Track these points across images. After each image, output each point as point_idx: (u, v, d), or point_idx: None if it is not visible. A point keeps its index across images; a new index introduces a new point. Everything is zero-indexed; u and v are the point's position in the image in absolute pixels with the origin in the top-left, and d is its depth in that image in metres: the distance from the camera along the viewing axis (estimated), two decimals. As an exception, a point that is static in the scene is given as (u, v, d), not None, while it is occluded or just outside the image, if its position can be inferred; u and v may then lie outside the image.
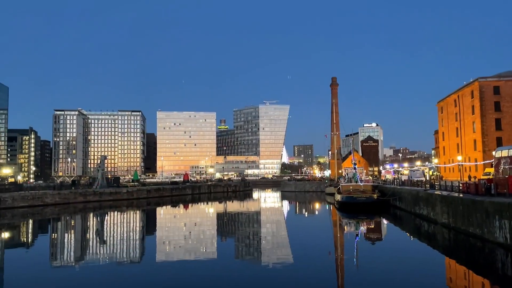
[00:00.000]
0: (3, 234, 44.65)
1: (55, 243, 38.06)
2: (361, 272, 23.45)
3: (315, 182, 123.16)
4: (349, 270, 24.44)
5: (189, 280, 22.08)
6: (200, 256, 29.26)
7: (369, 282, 21.13)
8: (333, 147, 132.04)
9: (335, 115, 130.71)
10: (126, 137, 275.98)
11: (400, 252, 29.39)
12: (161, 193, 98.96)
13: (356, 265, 25.56)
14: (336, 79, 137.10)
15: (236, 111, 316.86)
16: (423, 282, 21.07)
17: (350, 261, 26.84)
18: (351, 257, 28.39)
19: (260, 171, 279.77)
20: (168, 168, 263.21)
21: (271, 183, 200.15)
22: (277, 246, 33.19)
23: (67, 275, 24.58)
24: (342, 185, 68.07)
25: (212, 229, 46.03)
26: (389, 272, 23.00)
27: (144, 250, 32.85)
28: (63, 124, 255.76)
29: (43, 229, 50.53)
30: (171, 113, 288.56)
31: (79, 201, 78.42)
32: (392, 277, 22.00)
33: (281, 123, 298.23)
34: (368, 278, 21.88)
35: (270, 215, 63.59)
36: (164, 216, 63.70)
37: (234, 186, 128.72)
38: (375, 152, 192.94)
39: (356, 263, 26.14)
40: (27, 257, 31.86)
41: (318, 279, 21.74)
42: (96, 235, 42.27)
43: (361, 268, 24.60)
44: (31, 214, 61.55)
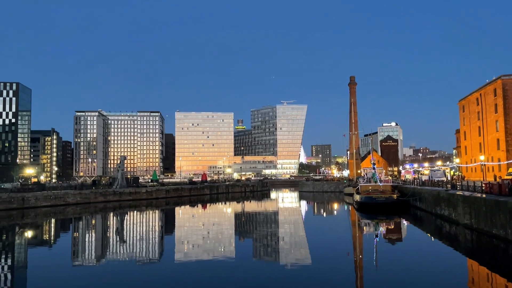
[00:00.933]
0: (27, 233, 45.74)
1: (77, 242, 38.76)
2: (380, 273, 23.16)
3: (333, 182, 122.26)
4: (368, 271, 24.16)
5: (208, 280, 22.16)
6: (218, 256, 29.36)
7: (389, 283, 20.84)
8: (352, 146, 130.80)
9: (354, 115, 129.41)
10: (145, 138, 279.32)
11: (420, 253, 28.91)
12: (179, 193, 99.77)
13: (376, 266, 25.26)
14: (354, 78, 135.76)
15: (254, 111, 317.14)
16: (445, 283, 20.67)
17: (369, 262, 26.54)
18: (370, 258, 28.07)
19: (278, 171, 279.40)
20: (186, 168, 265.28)
21: (289, 183, 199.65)
22: (295, 246, 33.06)
23: (88, 273, 25.00)
24: (361, 185, 67.36)
25: (230, 229, 46.15)
26: (409, 273, 22.64)
27: (163, 250, 33.14)
28: (84, 125, 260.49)
29: (65, 228, 51.55)
30: (189, 114, 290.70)
31: (100, 200, 79.70)
32: (412, 278, 21.65)
33: (298, 123, 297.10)
34: (388, 279, 21.59)
35: (288, 215, 63.40)
36: (182, 216, 64.20)
37: (252, 186, 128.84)
38: (395, 152, 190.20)
39: (376, 264, 25.83)
40: (49, 255, 32.56)
41: (336, 280, 21.56)
42: (116, 234, 42.88)
43: (381, 269, 24.30)
44: (54, 214, 62.86)
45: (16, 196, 67.89)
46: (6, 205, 64.87)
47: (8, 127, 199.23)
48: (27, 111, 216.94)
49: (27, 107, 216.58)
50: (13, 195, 68.67)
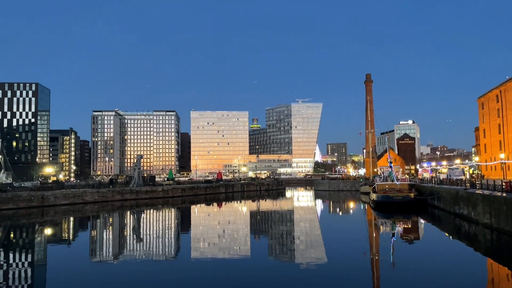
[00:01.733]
0: (47, 230, 46.62)
1: (95, 239, 39.33)
2: (397, 273, 22.88)
3: (349, 181, 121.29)
4: (385, 270, 23.89)
5: (224, 278, 22.23)
6: (234, 254, 29.43)
7: (406, 283, 20.59)
8: (368, 145, 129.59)
9: (370, 113, 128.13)
10: (161, 137, 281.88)
11: (438, 253, 28.46)
12: (195, 191, 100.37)
13: (392, 265, 24.97)
14: (370, 76, 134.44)
15: (269, 109, 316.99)
16: (463, 283, 20.33)
17: (386, 261, 26.24)
18: (387, 257, 27.77)
19: (293, 170, 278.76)
20: (201, 167, 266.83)
21: (304, 182, 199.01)
22: (310, 245, 32.93)
23: (106, 270, 25.34)
24: (377, 184, 66.70)
25: (245, 228, 46.20)
26: (427, 273, 22.30)
27: (179, 248, 33.37)
28: (101, 124, 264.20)
29: (83, 226, 52.37)
30: (204, 113, 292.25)
31: (117, 199, 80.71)
32: (430, 278, 21.32)
33: (314, 121, 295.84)
34: (405, 278, 21.32)
35: (304, 214, 63.20)
36: (198, 214, 64.57)
37: (267, 184, 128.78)
38: (412, 150, 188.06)
39: (392, 263, 25.54)
40: (68, 252, 33.12)
41: (353, 279, 21.38)
42: (133, 232, 43.35)
43: (398, 268, 24.01)
44: (72, 212, 63.91)
45: (36, 195, 69.22)
46: (27, 203, 66.22)
47: (28, 126, 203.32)
48: (46, 111, 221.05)
49: (46, 107, 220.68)
50: (33, 193, 70.01)
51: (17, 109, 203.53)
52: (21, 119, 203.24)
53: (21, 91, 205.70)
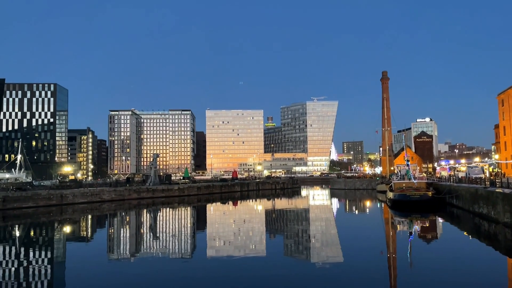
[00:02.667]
0: (66, 228, 47.43)
1: (112, 237, 39.83)
2: (415, 272, 22.56)
3: (365, 180, 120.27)
4: (403, 270, 23.60)
5: (239, 276, 22.28)
6: (249, 253, 29.45)
7: (424, 282, 20.28)
8: (384, 143, 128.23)
9: (386, 110, 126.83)
10: (176, 136, 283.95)
11: (457, 252, 28.00)
12: (210, 190, 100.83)
13: (410, 265, 24.64)
14: (386, 73, 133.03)
15: (284, 108, 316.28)
16: (483, 283, 19.94)
17: (404, 261, 25.89)
18: (404, 256, 27.40)
19: (308, 168, 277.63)
20: (217, 166, 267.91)
21: (320, 181, 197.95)
22: (326, 244, 32.74)
23: (123, 268, 25.63)
24: (394, 182, 65.96)
25: (260, 226, 46.20)
26: (446, 273, 21.94)
27: (195, 246, 33.55)
28: (118, 123, 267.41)
29: (101, 224, 53.12)
30: (219, 112, 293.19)
31: (134, 197, 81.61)
32: (449, 278, 20.98)
33: (329, 120, 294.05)
34: (423, 278, 21.00)
35: (319, 212, 62.90)
36: (214, 213, 64.84)
37: (282, 183, 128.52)
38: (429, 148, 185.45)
39: (410, 262, 25.19)
40: (86, 250, 33.63)
41: (369, 279, 21.17)
42: (150, 230, 43.76)
43: (415, 268, 23.67)
44: (90, 210, 64.87)
45: (55, 193, 70.47)
46: (46, 202, 67.48)
47: (46, 126, 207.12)
48: (64, 111, 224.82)
49: (64, 107, 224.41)
50: (52, 192, 71.29)
51: (36, 109, 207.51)
52: (40, 119, 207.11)
53: (40, 91, 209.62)
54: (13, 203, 63.20)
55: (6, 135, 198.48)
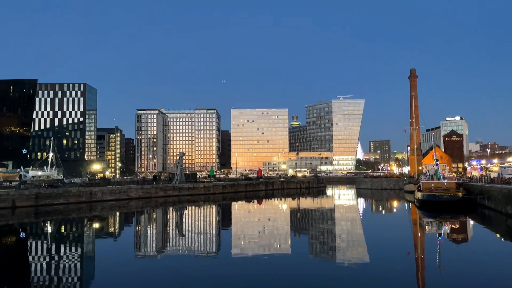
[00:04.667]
0: (95, 224, 48.61)
1: (139, 234, 40.53)
2: (444, 275, 21.97)
3: (392, 179, 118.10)
4: (431, 271, 23.00)
5: (265, 275, 22.25)
6: (274, 251, 29.39)
7: (454, 285, 19.72)
8: (413, 142, 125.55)
9: (415, 109, 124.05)
10: (202, 135, 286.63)
11: (489, 255, 27.08)
12: (235, 188, 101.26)
13: (439, 267, 24.01)
14: (415, 71, 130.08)
15: (309, 106, 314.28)
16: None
17: (432, 263, 25.26)
18: (433, 258, 26.72)
19: (334, 168, 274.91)
20: (242, 164, 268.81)
21: (346, 180, 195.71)
22: (352, 244, 32.32)
23: (150, 265, 26.03)
24: (422, 182, 64.50)
25: (285, 225, 46.07)
26: (477, 276, 21.29)
27: (220, 244, 33.73)
28: (145, 122, 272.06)
29: (128, 221, 54.18)
30: (244, 110, 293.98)
31: (160, 195, 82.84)
32: (480, 281, 20.35)
33: (355, 118, 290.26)
34: (453, 281, 20.44)
35: (345, 212, 62.18)
36: (238, 211, 65.06)
37: (307, 182, 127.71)
38: (459, 147, 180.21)
39: (439, 264, 24.55)
40: (114, 246, 34.36)
41: (397, 280, 20.76)
42: (176, 228, 44.31)
43: (445, 270, 23.05)
44: (118, 207, 66.23)
45: (84, 190, 72.31)
46: (76, 199, 69.33)
47: (77, 125, 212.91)
48: (93, 110, 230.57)
49: (93, 106, 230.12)
50: (82, 189, 73.18)
51: (67, 108, 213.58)
52: (70, 118, 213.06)
53: (71, 91, 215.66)
54: (45, 199, 65.21)
55: (39, 134, 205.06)
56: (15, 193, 63.31)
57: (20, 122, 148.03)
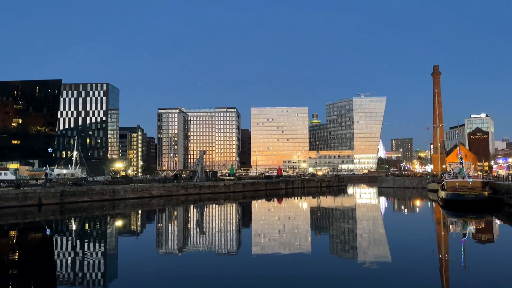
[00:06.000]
0: (117, 222, 49.44)
1: (161, 232, 41.01)
2: (469, 275, 21.46)
3: (415, 178, 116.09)
4: (456, 272, 22.51)
5: (285, 274, 22.17)
6: (294, 250, 29.29)
7: (479, 287, 19.22)
8: (436, 140, 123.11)
9: (438, 106, 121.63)
10: (222, 133, 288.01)
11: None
12: (255, 187, 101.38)
13: (464, 267, 23.46)
14: (438, 68, 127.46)
15: (329, 104, 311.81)
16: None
17: (457, 263, 24.70)
18: (457, 258, 26.13)
19: (355, 166, 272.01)
20: (261, 163, 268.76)
21: (367, 179, 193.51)
22: (374, 243, 31.90)
23: (171, 262, 26.31)
24: (446, 181, 63.18)
25: (306, 224, 45.85)
26: (503, 277, 20.69)
27: (240, 242, 33.82)
28: (166, 121, 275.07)
29: (150, 218, 54.88)
30: (264, 109, 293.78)
31: (181, 193, 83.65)
32: (506, 282, 19.76)
33: (377, 116, 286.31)
34: (477, 282, 19.95)
35: (366, 211, 61.48)
36: (259, 210, 65.11)
37: (328, 181, 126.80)
38: (485, 145, 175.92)
39: (464, 265, 23.99)
40: (137, 244, 34.86)
41: (420, 280, 20.37)
42: (197, 226, 44.67)
43: (470, 270, 22.50)
44: (140, 205, 67.19)
45: (107, 189, 73.62)
46: (100, 197, 70.65)
47: (99, 124, 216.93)
48: (115, 110, 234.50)
49: (115, 106, 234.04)
50: (105, 187, 74.53)
51: (90, 108, 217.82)
52: (93, 118, 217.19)
53: (94, 91, 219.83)
54: (70, 197, 66.68)
55: (63, 133, 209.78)
56: (41, 191, 64.96)
57: (45, 121, 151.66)
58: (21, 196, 61.12)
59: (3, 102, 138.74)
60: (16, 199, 60.28)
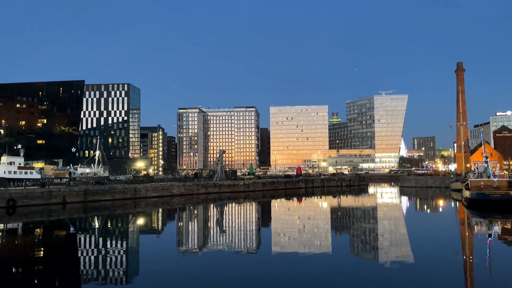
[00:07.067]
0: (139, 220, 50.14)
1: (181, 230, 41.41)
2: (495, 277, 20.92)
3: (438, 177, 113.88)
4: (481, 273, 21.98)
5: (305, 273, 22.06)
6: (314, 250, 29.12)
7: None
8: (460, 138, 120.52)
9: (462, 104, 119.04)
10: (241, 132, 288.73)
11: (545, 258, 25.49)
12: (275, 186, 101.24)
13: (489, 268, 22.88)
14: (462, 64, 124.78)
15: (349, 103, 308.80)
16: None
17: (482, 264, 24.10)
18: (482, 259, 25.49)
19: (376, 165, 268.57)
20: (281, 162, 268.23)
21: (388, 178, 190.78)
22: (395, 243, 31.42)
23: (191, 261, 26.51)
24: (471, 180, 61.78)
25: (326, 223, 45.53)
26: (532, 280, 20.07)
27: (260, 241, 33.83)
28: (186, 121, 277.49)
29: (171, 217, 55.47)
30: (283, 108, 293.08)
31: (201, 192, 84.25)
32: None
33: (398, 114, 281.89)
34: (503, 284, 19.41)
35: (388, 211, 60.63)
36: (278, 209, 65.01)
37: (348, 180, 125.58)
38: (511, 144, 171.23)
39: (489, 266, 23.39)
40: (158, 242, 35.26)
41: (443, 281, 19.96)
42: (217, 224, 44.89)
43: (495, 272, 21.92)
44: (161, 204, 67.99)
45: (129, 187, 74.75)
46: (122, 195, 71.82)
47: (121, 124, 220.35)
48: (136, 110, 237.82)
49: (136, 106, 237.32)
50: (127, 186, 75.68)
51: (112, 108, 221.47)
52: (115, 117, 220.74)
53: (115, 91, 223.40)
54: (93, 196, 67.98)
55: (86, 133, 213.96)
56: (65, 189, 66.44)
57: (69, 121, 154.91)
58: (46, 194, 62.65)
59: (29, 103, 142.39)
60: (42, 197, 61.82)
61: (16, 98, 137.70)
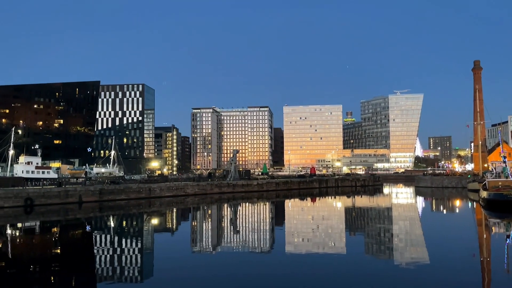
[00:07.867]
0: (153, 220, 50.58)
1: (195, 230, 41.64)
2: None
3: (454, 177, 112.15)
4: (498, 275, 21.55)
5: (319, 273, 21.98)
6: (328, 250, 28.97)
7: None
8: (477, 138, 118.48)
9: (479, 103, 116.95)
10: (255, 132, 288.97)
11: None
12: (289, 186, 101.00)
13: (507, 270, 22.45)
14: (479, 63, 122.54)
15: (364, 102, 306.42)
16: None
17: (499, 266, 23.68)
18: (500, 261, 25.06)
19: (391, 165, 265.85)
20: (294, 162, 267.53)
21: (403, 178, 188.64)
22: (411, 244, 31.06)
23: (205, 260, 26.64)
24: (488, 180, 60.71)
25: (340, 224, 45.26)
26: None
27: (273, 241, 33.80)
28: (200, 121, 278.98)
29: (185, 217, 55.82)
30: (297, 108, 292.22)
31: (215, 192, 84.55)
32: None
33: (414, 114, 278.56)
34: (524, 287, 19.01)
35: (403, 211, 59.97)
36: (292, 209, 64.86)
37: (363, 180, 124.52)
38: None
39: (507, 268, 22.95)
40: (172, 241, 35.52)
41: (459, 283, 19.66)
42: (230, 224, 45.00)
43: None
44: (175, 203, 68.44)
45: (144, 187, 75.42)
46: (136, 195, 72.52)
47: (136, 124, 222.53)
48: (151, 110, 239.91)
49: (151, 106, 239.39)
50: (141, 185, 76.36)
51: (127, 108, 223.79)
52: (130, 118, 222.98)
53: (130, 91, 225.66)
54: (108, 195, 68.79)
55: (101, 133, 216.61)
56: (81, 189, 67.39)
57: (85, 122, 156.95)
58: (62, 194, 63.62)
59: (46, 103, 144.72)
60: (58, 196, 62.80)
61: (34, 99, 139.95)
